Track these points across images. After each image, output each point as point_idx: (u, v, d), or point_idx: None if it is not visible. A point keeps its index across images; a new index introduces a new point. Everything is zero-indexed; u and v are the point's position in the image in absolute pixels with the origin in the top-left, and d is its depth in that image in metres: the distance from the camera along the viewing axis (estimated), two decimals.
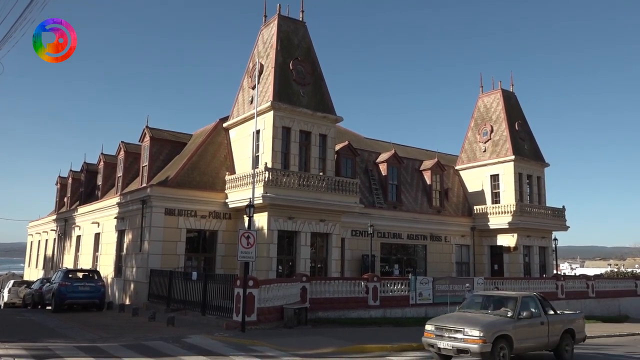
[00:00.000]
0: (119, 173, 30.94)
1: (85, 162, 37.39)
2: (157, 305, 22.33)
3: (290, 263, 24.50)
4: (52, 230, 40.32)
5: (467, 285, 23.49)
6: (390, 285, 23.68)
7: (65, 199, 39.64)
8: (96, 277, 24.32)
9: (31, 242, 47.41)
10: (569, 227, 37.02)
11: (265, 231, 23.20)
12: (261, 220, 23.47)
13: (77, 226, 34.05)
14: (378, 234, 30.44)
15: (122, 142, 30.93)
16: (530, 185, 36.45)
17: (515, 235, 34.22)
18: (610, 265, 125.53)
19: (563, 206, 37.03)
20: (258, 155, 24.59)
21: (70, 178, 39.19)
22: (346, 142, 30.46)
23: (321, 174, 25.03)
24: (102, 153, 34.00)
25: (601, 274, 49.41)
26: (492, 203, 35.75)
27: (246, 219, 18.45)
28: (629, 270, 67.72)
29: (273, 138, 24.12)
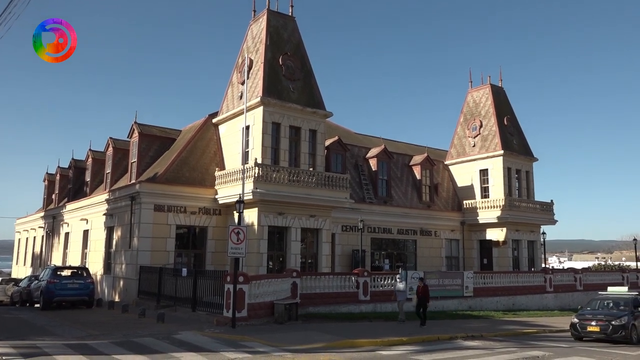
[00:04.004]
0: (108, 169, 30.71)
1: (73, 159, 37.08)
2: (147, 301, 22.25)
3: (281, 259, 24.49)
4: (40, 227, 39.97)
5: (398, 276, 22.90)
6: (381, 280, 23.79)
7: (54, 196, 39.29)
8: (85, 274, 24.18)
9: (19, 239, 46.97)
10: (557, 221, 37.40)
11: (256, 227, 23.17)
12: (251, 216, 23.43)
13: (66, 223, 33.77)
14: (368, 229, 30.53)
15: (110, 138, 30.71)
16: (519, 180, 36.73)
17: (504, 229, 34.49)
18: (597, 258, 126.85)
19: (551, 200, 37.37)
20: (248, 151, 24.52)
21: (58, 175, 38.83)
22: (336, 138, 30.46)
23: (311, 169, 25.03)
24: (90, 149, 33.73)
25: (589, 267, 49.95)
26: (482, 198, 35.97)
27: (236, 214, 18.40)
28: (616, 263, 68.55)
29: (263, 133, 24.05)
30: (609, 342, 17.44)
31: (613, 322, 17.53)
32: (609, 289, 21.63)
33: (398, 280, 21.41)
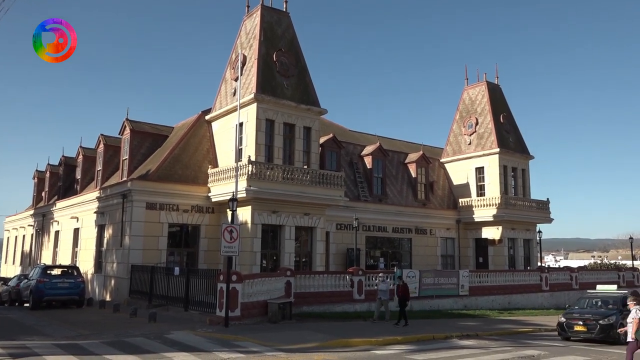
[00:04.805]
0: (99, 167, 30.58)
1: (63, 156, 36.91)
2: (139, 301, 22.19)
3: (275, 257, 24.48)
4: (29, 225, 39.76)
5: (380, 275, 22.68)
6: (376, 279, 23.79)
7: (43, 194, 39.09)
8: (75, 273, 24.07)
9: (8, 237, 46.70)
10: (553, 219, 37.57)
11: (249, 225, 23.14)
12: (245, 214, 23.40)
13: (56, 221, 33.61)
14: (363, 227, 30.56)
15: (101, 134, 30.58)
16: (515, 178, 36.87)
17: (500, 227, 34.61)
18: (593, 257, 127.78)
19: (547, 199, 37.53)
20: (241, 148, 24.47)
21: (48, 172, 38.65)
22: (331, 135, 30.46)
23: (305, 167, 25.01)
24: (81, 146, 33.60)
25: (585, 266, 50.29)
26: (477, 196, 36.09)
27: (229, 213, 18.38)
28: (612, 262, 69.04)
29: (256, 131, 24.01)
30: (596, 343, 17.11)
31: (600, 322, 17.15)
32: (598, 287, 21.33)
33: (380, 279, 21.19)
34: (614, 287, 21.83)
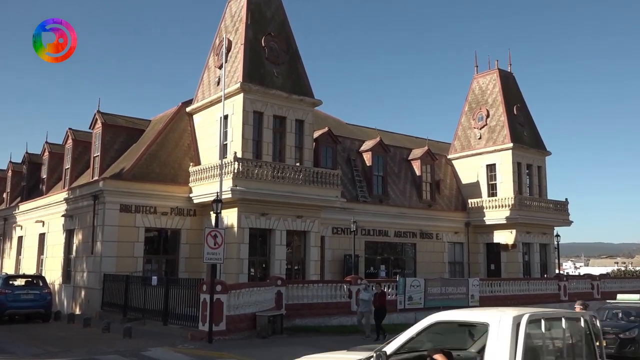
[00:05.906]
0: (67, 165, 30.50)
1: (27, 153, 36.72)
2: (112, 314, 22.19)
3: (264, 265, 24.51)
4: None
5: (363, 282, 22.66)
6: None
7: (5, 195, 38.93)
8: (41, 284, 24.04)
9: None
10: (573, 222, 37.81)
11: (235, 229, 23.15)
12: (230, 217, 23.41)
13: (19, 226, 33.52)
14: (362, 231, 30.62)
15: (69, 129, 30.49)
16: (530, 176, 37.04)
17: (514, 231, 34.76)
18: (617, 263, 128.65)
19: (566, 199, 37.77)
20: (226, 144, 24.47)
21: (10, 171, 38.50)
22: (326, 129, 30.49)
23: (298, 164, 25.05)
24: (46, 142, 33.47)
25: (607, 274, 50.57)
26: (489, 196, 36.22)
27: (213, 215, 18.39)
28: (637, 268, 69.50)
29: (243, 124, 24.01)
30: (616, 359, 17.23)
31: (621, 335, 16.91)
32: (619, 297, 21.39)
33: (362, 288, 21.03)
34: (637, 296, 21.87)
